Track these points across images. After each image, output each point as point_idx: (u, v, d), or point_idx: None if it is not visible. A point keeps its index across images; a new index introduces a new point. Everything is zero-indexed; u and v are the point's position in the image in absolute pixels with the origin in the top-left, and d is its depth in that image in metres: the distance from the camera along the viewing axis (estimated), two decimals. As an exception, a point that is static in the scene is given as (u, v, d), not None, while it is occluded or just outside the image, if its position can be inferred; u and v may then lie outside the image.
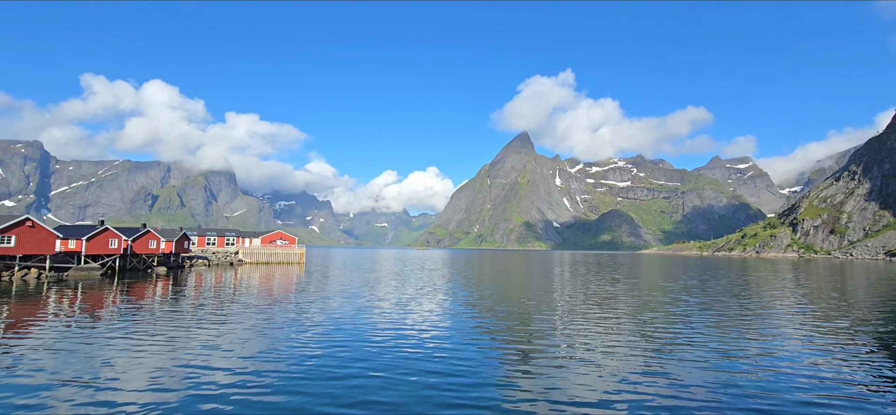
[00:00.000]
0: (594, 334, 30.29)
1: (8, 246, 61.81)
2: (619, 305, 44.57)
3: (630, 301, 48.24)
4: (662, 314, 39.32)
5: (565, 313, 39.61)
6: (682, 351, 25.61)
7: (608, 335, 29.81)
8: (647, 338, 29.14)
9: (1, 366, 20.66)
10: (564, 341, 28.00)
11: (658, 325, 34.06)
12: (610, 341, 28.21)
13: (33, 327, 29.57)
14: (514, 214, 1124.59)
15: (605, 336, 29.53)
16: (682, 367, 22.34)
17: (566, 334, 30.20)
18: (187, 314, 35.67)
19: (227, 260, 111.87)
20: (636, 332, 31.11)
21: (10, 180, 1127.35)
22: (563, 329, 31.71)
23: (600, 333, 30.64)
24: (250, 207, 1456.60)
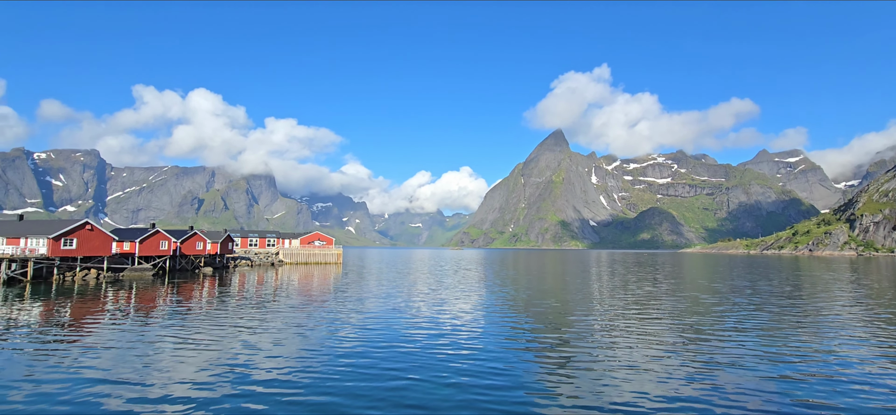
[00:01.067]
0: (635, 336, 29.36)
1: (70, 248, 66.10)
2: (661, 307, 43.08)
3: (673, 302, 46.53)
4: (709, 316, 37.71)
5: (604, 314, 38.62)
6: (731, 356, 24.43)
7: (650, 338, 28.82)
8: (692, 341, 27.99)
9: (65, 360, 22.09)
10: (604, 344, 27.26)
11: (704, 327, 32.67)
12: (652, 344, 27.26)
13: (93, 325, 31.46)
14: (549, 212, 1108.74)
15: (647, 339, 28.56)
16: (730, 373, 21.30)
17: (605, 336, 29.41)
18: (232, 313, 37.04)
19: (269, 261, 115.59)
20: (680, 335, 29.94)
21: (71, 187, 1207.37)
22: (603, 331, 30.91)
23: (641, 335, 29.67)
24: (289, 209, 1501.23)
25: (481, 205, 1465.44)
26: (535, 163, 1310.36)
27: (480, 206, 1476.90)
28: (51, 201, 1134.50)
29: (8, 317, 34.07)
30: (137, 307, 39.96)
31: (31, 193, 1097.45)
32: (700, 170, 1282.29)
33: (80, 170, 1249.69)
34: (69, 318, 34.21)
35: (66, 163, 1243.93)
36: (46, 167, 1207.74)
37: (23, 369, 20.61)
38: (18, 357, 22.75)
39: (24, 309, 38.01)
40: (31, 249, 63.86)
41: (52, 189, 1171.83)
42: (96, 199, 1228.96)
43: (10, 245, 64.69)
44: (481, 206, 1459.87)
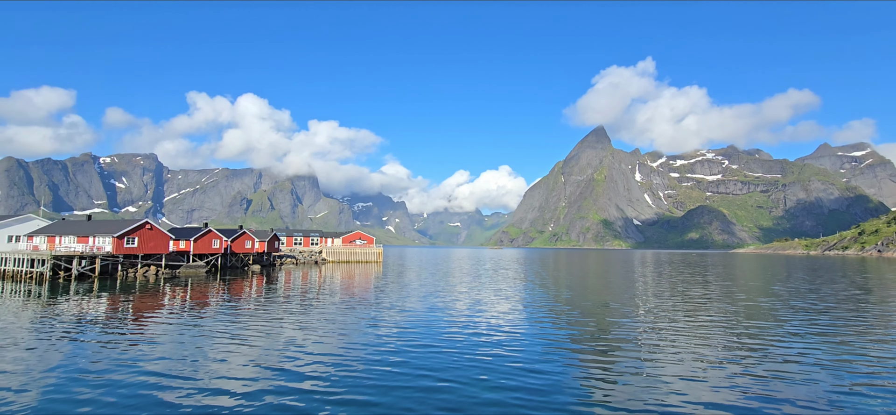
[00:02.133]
0: (684, 342, 28.13)
1: (132, 246, 70.62)
2: (713, 311, 41.11)
3: (726, 306, 44.30)
4: (767, 321, 35.64)
5: (650, 318, 37.27)
6: (792, 366, 22.96)
7: (701, 345, 27.54)
8: (748, 348, 26.51)
9: (128, 351, 23.59)
10: (650, 350, 26.25)
11: (761, 334, 30.89)
12: (703, 351, 26.03)
13: (153, 319, 33.45)
14: (591, 211, 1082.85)
15: (698, 346, 27.30)
16: (791, 384, 20.01)
17: (652, 342, 28.33)
18: (279, 310, 38.41)
19: (313, 259, 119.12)
20: (735, 341, 28.44)
21: (132, 189, 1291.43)
22: (649, 337, 29.79)
23: (691, 341, 28.39)
24: (331, 209, 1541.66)
25: (520, 204, 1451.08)
26: (576, 160, 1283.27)
27: (519, 205, 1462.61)
28: (115, 202, 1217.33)
29: (79, 310, 36.76)
30: (192, 303, 42.13)
31: (98, 195, 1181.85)
32: (753, 166, 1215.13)
33: (140, 173, 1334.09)
34: (132, 312, 36.51)
35: (128, 166, 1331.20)
36: (111, 171, 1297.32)
37: (91, 359, 22.16)
38: (88, 348, 24.48)
39: (92, 303, 40.90)
40: (98, 247, 68.71)
41: (116, 191, 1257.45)
42: (155, 200, 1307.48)
43: (80, 243, 69.85)
44: (520, 205, 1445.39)
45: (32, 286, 52.81)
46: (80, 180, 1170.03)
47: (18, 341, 25.63)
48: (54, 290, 49.77)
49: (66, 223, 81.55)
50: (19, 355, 22.88)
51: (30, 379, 19.05)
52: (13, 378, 19.13)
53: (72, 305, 39.52)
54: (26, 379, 19.04)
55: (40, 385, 18.29)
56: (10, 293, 46.49)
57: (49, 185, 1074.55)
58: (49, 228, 78.68)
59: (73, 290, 49.99)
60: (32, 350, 23.74)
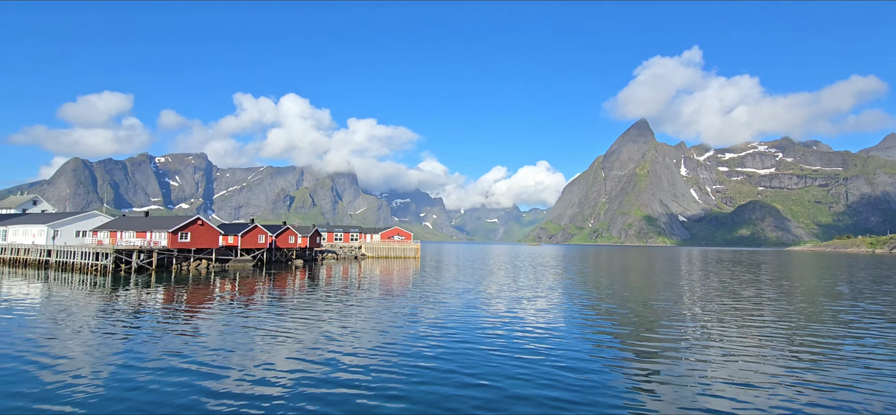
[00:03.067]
0: (736, 347, 26.76)
1: (185, 241, 74.43)
2: (767, 313, 38.96)
3: (783, 308, 41.88)
4: (829, 326, 33.43)
5: (698, 320, 35.73)
6: (858, 375, 21.40)
7: (754, 350, 26.12)
8: (808, 356, 24.90)
9: (183, 338, 24.89)
10: (698, 354, 25.11)
11: (823, 339, 28.99)
12: (756, 357, 24.66)
13: (205, 309, 35.12)
14: (633, 207, 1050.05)
15: (750, 351, 25.90)
16: (855, 397, 18.63)
17: (700, 346, 27.10)
18: (321, 303, 39.44)
19: (352, 254, 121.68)
20: (792, 348, 26.79)
21: (184, 187, 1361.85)
22: (697, 340, 28.52)
23: (743, 346, 26.99)
24: (370, 205, 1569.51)
25: (559, 200, 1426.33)
26: (617, 155, 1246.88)
27: (558, 201, 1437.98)
28: (169, 199, 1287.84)
29: (139, 300, 39.10)
30: (241, 295, 43.93)
31: (154, 192, 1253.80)
32: (811, 158, 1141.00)
33: (191, 171, 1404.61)
34: (185, 303, 38.47)
35: (181, 165, 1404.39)
36: (165, 170, 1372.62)
37: (148, 346, 23.50)
38: (146, 336, 25.97)
39: (150, 294, 43.40)
40: (154, 241, 72.85)
41: (170, 189, 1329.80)
42: (205, 197, 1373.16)
43: (139, 238, 74.31)
44: (559, 201, 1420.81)
45: (97, 278, 56.61)
46: (138, 179, 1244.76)
47: (84, 328, 27.51)
48: (116, 281, 53.16)
49: (126, 219, 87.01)
50: (85, 340, 24.55)
51: (94, 363, 20.40)
52: (79, 362, 20.54)
53: (132, 295, 42.07)
54: (91, 363, 20.40)
55: (103, 369, 19.54)
56: (78, 284, 50.03)
57: (111, 183, 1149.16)
58: (111, 223, 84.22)
59: (132, 282, 53.21)
60: (96, 337, 25.41)
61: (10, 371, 19.08)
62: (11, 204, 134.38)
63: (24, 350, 22.34)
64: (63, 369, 19.40)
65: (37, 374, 18.78)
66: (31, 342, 23.91)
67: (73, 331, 26.72)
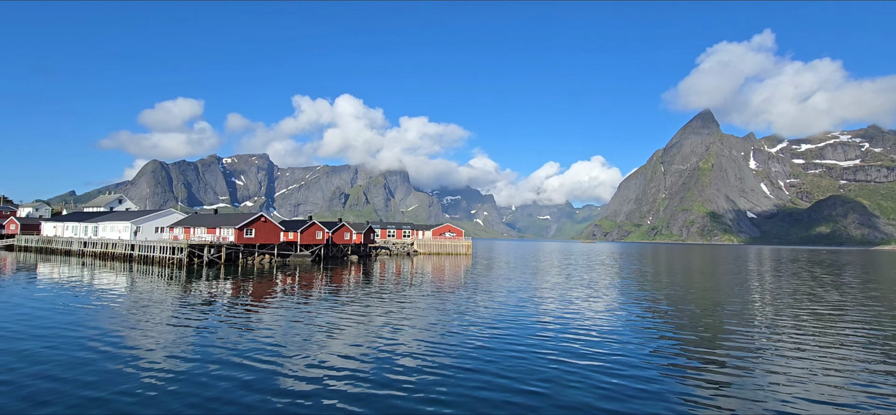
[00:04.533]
0: (813, 358, 24.66)
1: (250, 237, 78.98)
2: (850, 321, 35.63)
3: (871, 316, 38.18)
4: (923, 331, 30.07)
5: (771, 325, 33.30)
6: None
7: (834, 360, 23.98)
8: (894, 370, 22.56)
9: (249, 328, 26.48)
10: (771, 364, 23.33)
11: (918, 344, 26.13)
12: (838, 368, 22.61)
13: (269, 301, 37.13)
14: (696, 203, 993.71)
15: (830, 361, 23.80)
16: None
17: (774, 355, 25.17)
18: (376, 297, 40.54)
19: (405, 250, 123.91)
20: (882, 362, 24.38)
21: (248, 186, 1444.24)
22: (771, 349, 26.52)
23: (823, 356, 24.81)
24: (421, 203, 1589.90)
25: (615, 196, 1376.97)
26: (678, 148, 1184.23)
27: (614, 197, 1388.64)
28: (235, 198, 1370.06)
29: (210, 292, 41.97)
30: (301, 289, 46.02)
31: (222, 191, 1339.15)
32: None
33: (255, 171, 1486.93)
34: (251, 295, 40.84)
35: (245, 166, 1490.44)
36: (232, 169, 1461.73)
37: (218, 335, 25.21)
38: (216, 325, 27.86)
39: (220, 286, 46.45)
40: (223, 237, 77.84)
41: (236, 188, 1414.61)
42: (267, 195, 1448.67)
43: (209, 234, 79.69)
44: (615, 197, 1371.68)
45: (173, 271, 61.32)
46: (208, 179, 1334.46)
47: (162, 319, 29.92)
48: (190, 274, 57.34)
49: (197, 216, 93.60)
50: (163, 330, 26.72)
51: (170, 350, 22.17)
52: (157, 350, 22.39)
53: (203, 288, 45.22)
54: (167, 350, 22.19)
55: (178, 356, 21.18)
56: (157, 276, 54.47)
57: (184, 183, 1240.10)
58: (185, 220, 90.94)
59: (204, 275, 57.18)
60: (172, 327, 27.57)
61: (94, 357, 21.12)
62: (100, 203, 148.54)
63: (110, 338, 24.66)
64: (141, 357, 21.23)
65: (117, 361, 20.66)
66: (116, 330, 26.35)
67: (153, 322, 29.13)
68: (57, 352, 21.27)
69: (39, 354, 20.94)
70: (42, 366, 19.19)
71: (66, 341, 23.13)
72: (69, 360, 20.06)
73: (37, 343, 22.72)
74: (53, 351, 21.40)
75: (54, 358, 20.31)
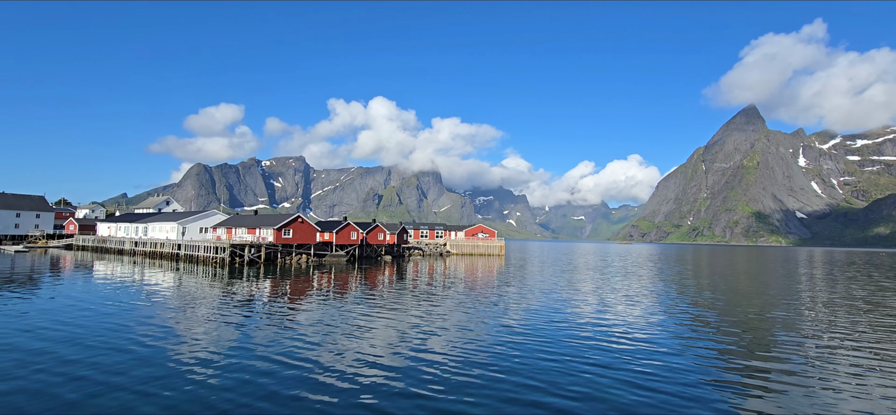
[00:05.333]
0: (872, 371, 23.17)
1: (288, 237, 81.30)
2: (914, 322, 33.24)
3: (934, 318, 35.49)
4: None
5: (827, 335, 31.46)
6: None
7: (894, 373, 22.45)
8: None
9: (288, 324, 27.26)
10: (826, 378, 21.98)
11: None
12: None
13: (307, 299, 38.11)
14: (740, 202, 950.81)
15: (890, 375, 22.30)
16: None
17: (830, 368, 23.70)
18: (410, 297, 40.91)
19: (438, 251, 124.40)
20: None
21: (286, 187, 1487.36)
22: (825, 360, 25.02)
23: (886, 372, 23.31)
24: (454, 203, 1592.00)
25: (653, 195, 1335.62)
26: (720, 146, 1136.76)
27: (652, 196, 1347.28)
28: (274, 199, 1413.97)
29: (251, 290, 43.47)
30: (336, 287, 46.98)
31: (261, 193, 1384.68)
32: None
33: (292, 173, 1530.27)
34: (289, 293, 42.02)
35: (283, 168, 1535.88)
36: (270, 172, 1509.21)
37: (258, 330, 26.07)
38: (257, 321, 28.83)
39: (260, 284, 48.03)
40: (262, 237, 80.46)
41: (274, 189, 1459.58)
42: (303, 196, 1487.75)
43: (249, 234, 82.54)
44: (653, 196, 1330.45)
45: (217, 269, 63.84)
46: (248, 181, 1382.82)
47: (207, 315, 31.22)
48: (232, 272, 59.55)
49: (238, 217, 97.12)
50: (207, 326, 27.87)
51: (213, 345, 23.09)
52: (201, 343, 23.38)
53: (244, 286, 46.87)
54: (210, 344, 23.12)
55: (221, 350, 22.04)
56: (201, 274, 56.86)
57: (226, 185, 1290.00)
58: (227, 221, 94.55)
59: (245, 273, 59.25)
60: (215, 324, 28.71)
61: (144, 351, 22.25)
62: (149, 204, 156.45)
63: (159, 333, 25.92)
64: (185, 351, 22.21)
65: (165, 354, 21.70)
66: (164, 325, 27.69)
67: (199, 316, 30.42)
68: (104, 346, 22.55)
69: (92, 347, 22.26)
70: (96, 359, 20.40)
71: (116, 335, 24.48)
72: (119, 352, 21.25)
73: (89, 335, 24.18)
74: (100, 346, 22.71)
75: (102, 353, 21.55)
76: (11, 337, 23.68)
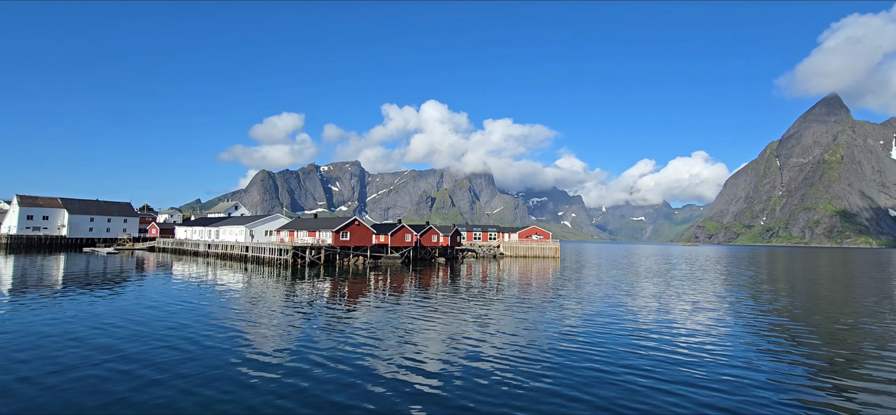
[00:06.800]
0: None
1: (346, 240, 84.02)
2: None
3: None
4: None
5: (931, 338, 28.05)
6: None
7: None
8: None
9: (347, 323, 28.06)
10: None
11: None
12: None
13: (364, 299, 39.10)
14: (822, 200, 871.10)
15: None
16: None
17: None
18: (463, 299, 40.88)
19: (491, 253, 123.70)
20: None
21: (343, 192, 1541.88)
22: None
23: None
24: (506, 205, 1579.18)
25: (720, 194, 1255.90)
26: (797, 139, 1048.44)
27: (719, 195, 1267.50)
28: (332, 203, 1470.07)
29: (311, 290, 45.26)
30: (392, 289, 47.88)
31: (320, 197, 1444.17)
32: None
33: (348, 178, 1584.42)
34: (348, 294, 43.33)
35: (340, 173, 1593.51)
36: (328, 177, 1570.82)
37: (319, 329, 27.01)
38: (319, 322, 29.91)
39: (320, 285, 49.91)
40: (322, 239, 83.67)
41: (332, 193, 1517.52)
42: (359, 200, 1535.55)
43: (310, 237, 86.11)
44: (720, 195, 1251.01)
45: (280, 271, 67.10)
46: (308, 186, 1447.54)
47: (273, 314, 32.79)
48: (295, 274, 62.34)
49: (300, 221, 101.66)
50: (265, 326, 29.25)
51: (265, 346, 24.15)
52: (254, 344, 24.52)
53: (306, 286, 48.86)
54: (263, 345, 24.20)
55: (271, 352, 22.99)
56: (267, 275, 59.97)
57: (288, 190, 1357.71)
58: (289, 224, 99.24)
59: (306, 275, 61.82)
60: (273, 324, 30.07)
61: (197, 350, 23.62)
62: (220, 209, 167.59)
63: (218, 332, 27.47)
64: (239, 351, 23.35)
65: (217, 353, 22.92)
66: (224, 325, 29.35)
67: (257, 319, 32.02)
68: (162, 345, 24.17)
69: (153, 344, 23.99)
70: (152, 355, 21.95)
71: (177, 334, 26.17)
72: (173, 350, 22.68)
73: (152, 332, 26.11)
74: (159, 344, 24.38)
75: (159, 350, 23.12)
76: (82, 333, 25.65)
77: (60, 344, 22.80)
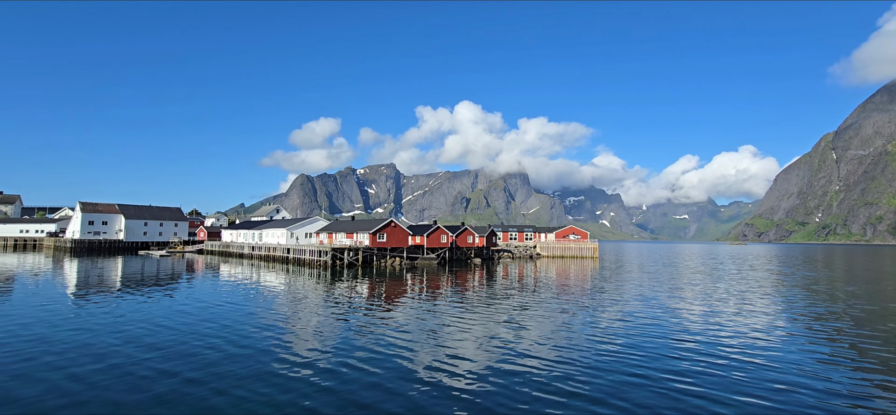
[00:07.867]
0: None
1: (382, 241, 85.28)
2: None
3: None
4: None
5: None
6: None
7: None
8: None
9: (386, 322, 28.50)
10: None
11: None
12: None
13: (401, 300, 39.60)
14: (885, 195, 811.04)
15: None
16: None
17: None
18: (500, 300, 40.69)
19: (527, 253, 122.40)
20: None
21: (379, 194, 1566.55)
22: None
23: None
24: (542, 205, 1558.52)
25: (770, 190, 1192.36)
26: (855, 130, 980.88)
27: (769, 191, 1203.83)
28: (368, 205, 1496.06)
29: (352, 289, 46.23)
30: (429, 289, 48.22)
31: (356, 199, 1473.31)
32: None
33: (384, 180, 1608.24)
34: (385, 294, 43.98)
35: (376, 175, 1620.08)
36: (364, 179, 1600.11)
37: (357, 328, 27.56)
38: (356, 319, 30.52)
39: (358, 285, 50.89)
40: (359, 241, 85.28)
41: (368, 196, 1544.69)
42: (395, 201, 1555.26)
43: (348, 239, 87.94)
44: (770, 191, 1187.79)
45: (320, 271, 68.87)
46: (345, 189, 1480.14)
47: (305, 316, 33.71)
48: (333, 274, 63.84)
49: (338, 223, 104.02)
50: (303, 327, 30.07)
51: (301, 347, 24.80)
52: (290, 345, 25.23)
53: (345, 286, 49.95)
54: (299, 345, 24.87)
55: (306, 353, 23.59)
56: (307, 276, 61.70)
57: (326, 193, 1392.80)
58: (328, 227, 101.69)
59: (345, 275, 63.17)
60: (311, 325, 30.88)
61: (234, 350, 24.50)
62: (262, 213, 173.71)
63: (255, 332, 28.44)
64: (274, 351, 24.08)
65: (253, 354, 23.69)
66: (264, 324, 30.36)
67: (295, 320, 32.98)
68: (202, 345, 25.22)
69: (193, 343, 25.09)
70: (194, 354, 22.94)
71: (216, 334, 27.30)
72: (212, 350, 23.64)
73: (193, 331, 27.31)
74: (198, 344, 25.45)
75: (197, 349, 24.14)
76: (132, 331, 27.12)
77: (110, 342, 24.15)
